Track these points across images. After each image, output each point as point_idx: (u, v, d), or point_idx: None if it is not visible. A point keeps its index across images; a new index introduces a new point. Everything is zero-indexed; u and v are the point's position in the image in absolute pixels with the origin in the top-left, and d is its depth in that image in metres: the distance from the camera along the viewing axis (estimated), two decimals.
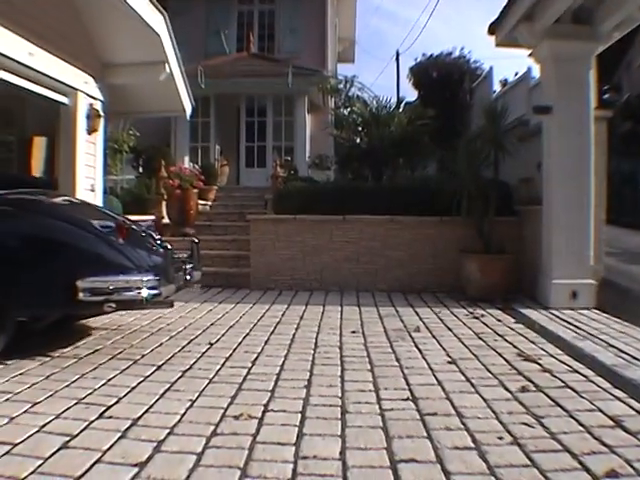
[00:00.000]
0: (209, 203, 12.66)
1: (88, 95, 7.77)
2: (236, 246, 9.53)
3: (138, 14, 6.96)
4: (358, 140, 11.82)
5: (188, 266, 5.40)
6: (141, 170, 12.62)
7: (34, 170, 8.50)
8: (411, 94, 21.83)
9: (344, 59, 22.89)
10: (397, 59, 29.06)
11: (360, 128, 11.64)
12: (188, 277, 5.34)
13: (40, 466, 2.53)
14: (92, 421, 3.07)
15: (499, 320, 6.30)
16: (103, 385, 3.73)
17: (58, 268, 4.33)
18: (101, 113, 8.02)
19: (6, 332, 4.21)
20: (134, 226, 5.12)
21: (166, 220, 10.32)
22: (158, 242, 5.21)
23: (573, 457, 2.71)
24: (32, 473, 2.48)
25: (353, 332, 5.61)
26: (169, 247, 5.08)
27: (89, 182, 7.71)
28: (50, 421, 3.05)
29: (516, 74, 13.86)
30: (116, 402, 3.39)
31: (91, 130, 7.84)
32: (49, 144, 7.94)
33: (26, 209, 4.55)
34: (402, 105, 12.99)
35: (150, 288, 4.34)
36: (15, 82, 6.43)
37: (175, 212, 10.45)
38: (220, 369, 4.20)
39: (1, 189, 4.59)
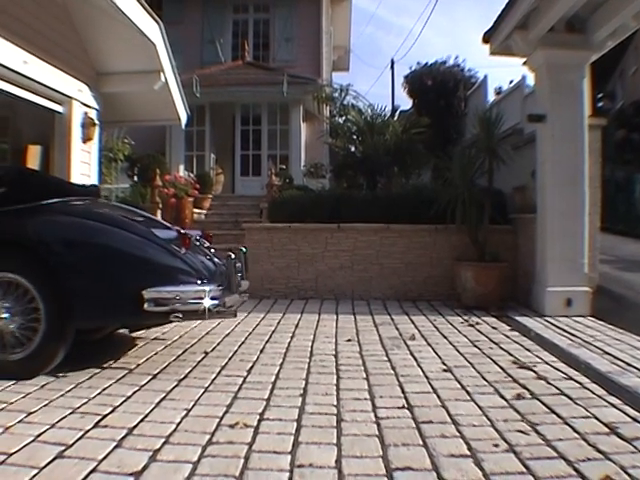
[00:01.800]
0: (204, 212, 12.67)
1: (83, 103, 7.77)
2: None
3: (133, 23, 6.97)
4: (353, 148, 11.84)
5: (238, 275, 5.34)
6: (136, 179, 12.61)
7: None
8: (406, 102, 21.90)
9: (339, 67, 22.99)
10: (392, 67, 29.15)
11: (355, 136, 11.66)
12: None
13: (35, 476, 2.52)
14: (87, 430, 3.06)
15: (494, 328, 6.31)
16: (98, 394, 3.71)
17: (124, 278, 4.26)
18: (96, 121, 8.02)
19: (67, 342, 4.16)
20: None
21: None
22: (212, 251, 5.18)
23: (568, 464, 2.71)
24: None
25: (348, 340, 5.61)
26: (232, 256, 5.02)
27: None
28: (45, 430, 3.04)
29: (511, 82, 13.93)
30: (111, 411, 3.38)
31: (86, 139, 7.83)
32: (44, 153, 7.92)
33: (91, 218, 4.47)
34: (397, 113, 13.05)
35: (212, 298, 4.28)
36: (10, 90, 6.43)
37: (170, 221, 10.44)
38: (215, 378, 4.19)
39: (54, 197, 4.53)
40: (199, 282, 4.32)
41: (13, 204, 4.30)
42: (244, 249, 5.64)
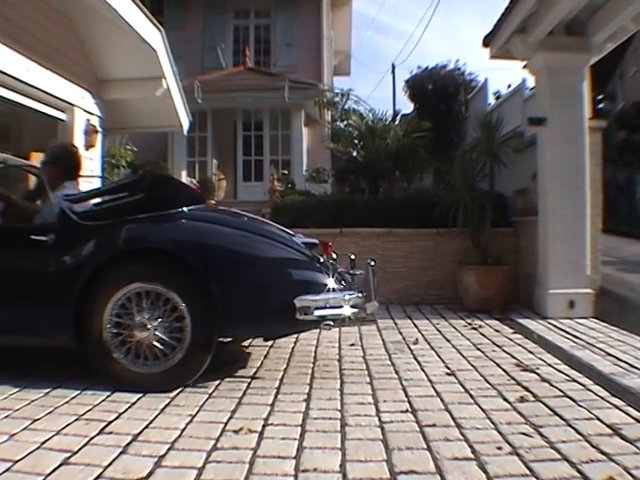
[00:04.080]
0: None
1: (85, 111, 7.81)
2: None
3: (135, 30, 7.00)
4: (355, 153, 11.83)
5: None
6: None
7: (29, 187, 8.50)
8: (407, 106, 21.95)
9: (340, 72, 23.05)
10: (393, 72, 29.23)
11: (356, 141, 11.65)
12: None
13: None
14: (92, 437, 3.07)
15: (497, 331, 6.31)
16: (103, 401, 3.72)
17: (276, 287, 4.20)
18: (98, 128, 8.06)
19: (211, 352, 4.07)
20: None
21: None
22: (334, 257, 5.22)
23: (571, 466, 2.71)
24: None
25: (352, 345, 5.61)
26: (372, 264, 5.01)
27: None
28: (50, 437, 3.05)
29: (509, 86, 13.98)
30: (116, 417, 3.39)
31: (88, 146, 7.87)
32: None
33: (236, 227, 4.49)
34: (398, 118, 13.05)
35: (353, 306, 4.25)
36: (12, 98, 6.47)
37: None
38: (219, 384, 4.19)
39: (185, 204, 4.41)
40: (342, 289, 4.30)
41: (150, 211, 4.20)
42: (352, 256, 5.42)
